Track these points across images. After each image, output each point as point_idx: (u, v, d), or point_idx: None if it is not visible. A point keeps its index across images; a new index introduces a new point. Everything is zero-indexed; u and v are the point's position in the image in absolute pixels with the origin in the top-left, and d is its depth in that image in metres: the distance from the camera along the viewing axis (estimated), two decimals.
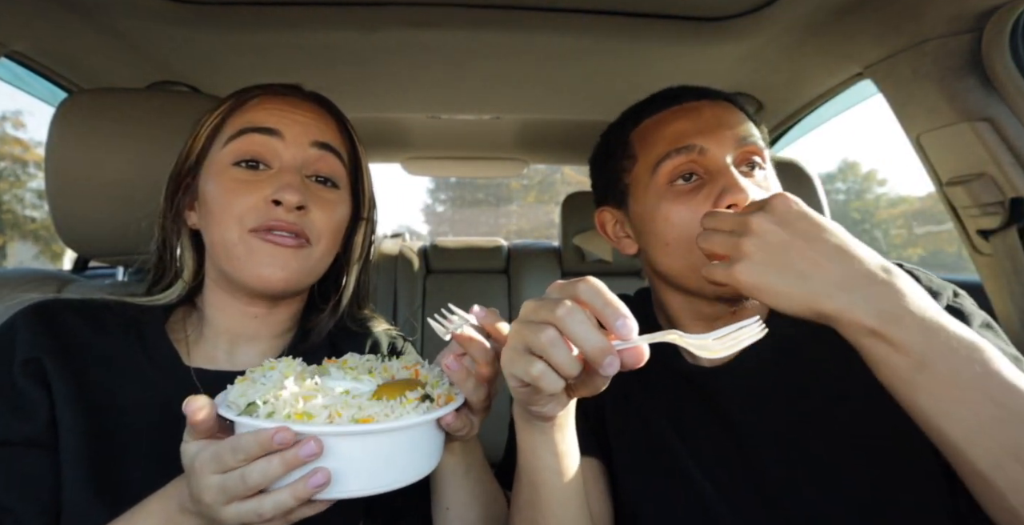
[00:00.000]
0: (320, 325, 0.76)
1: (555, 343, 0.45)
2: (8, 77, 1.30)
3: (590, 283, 0.48)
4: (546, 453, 0.56)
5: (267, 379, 0.53)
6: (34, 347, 0.63)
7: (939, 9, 0.91)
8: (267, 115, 0.69)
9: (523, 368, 0.47)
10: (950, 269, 7.99)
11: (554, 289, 0.50)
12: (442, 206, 21.32)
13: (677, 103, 0.74)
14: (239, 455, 0.46)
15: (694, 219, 0.66)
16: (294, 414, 0.48)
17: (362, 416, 0.49)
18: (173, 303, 0.74)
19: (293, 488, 0.47)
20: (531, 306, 0.50)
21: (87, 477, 0.59)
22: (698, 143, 0.69)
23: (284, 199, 0.64)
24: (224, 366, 0.70)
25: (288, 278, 0.66)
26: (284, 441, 0.46)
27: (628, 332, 0.46)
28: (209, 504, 0.48)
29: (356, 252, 0.79)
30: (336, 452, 0.48)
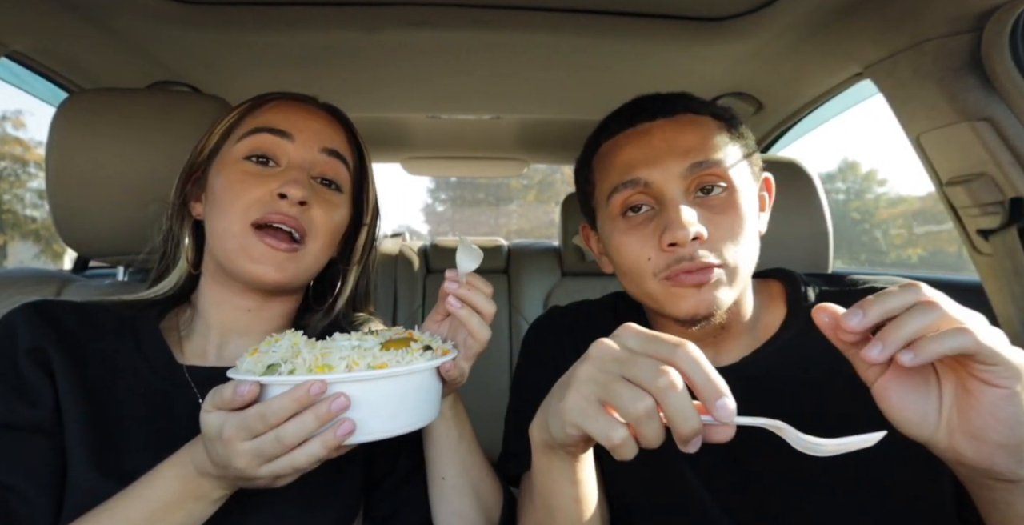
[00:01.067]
0: (313, 324, 0.78)
1: (652, 416, 0.42)
2: (8, 77, 1.30)
3: (691, 352, 0.43)
4: (564, 480, 0.54)
5: (277, 348, 0.56)
6: (37, 337, 0.65)
7: (939, 9, 0.91)
8: (281, 118, 0.73)
9: (603, 430, 0.44)
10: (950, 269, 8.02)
11: (642, 341, 0.45)
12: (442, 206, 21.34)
13: (630, 125, 0.72)
14: (271, 419, 0.49)
15: (643, 250, 0.67)
16: (314, 367, 0.51)
17: (377, 363, 0.53)
18: (170, 295, 0.75)
19: (323, 438, 0.50)
20: (612, 355, 0.45)
21: (91, 458, 0.61)
22: (643, 176, 0.67)
23: (289, 193, 0.67)
24: (213, 361, 0.72)
25: (280, 278, 0.69)
26: (318, 392, 0.48)
27: (728, 416, 0.41)
28: (242, 468, 0.50)
29: (356, 256, 0.82)
30: (358, 399, 0.51)
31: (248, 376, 0.51)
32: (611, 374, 0.44)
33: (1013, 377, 0.41)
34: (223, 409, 0.51)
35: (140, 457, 0.62)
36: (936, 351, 0.41)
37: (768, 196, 0.77)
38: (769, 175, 0.78)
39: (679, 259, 0.65)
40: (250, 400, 0.50)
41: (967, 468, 0.46)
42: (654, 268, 0.67)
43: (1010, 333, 1.06)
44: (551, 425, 0.49)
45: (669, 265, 0.65)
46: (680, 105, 0.71)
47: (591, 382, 0.45)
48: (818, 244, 1.17)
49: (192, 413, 0.66)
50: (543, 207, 18.39)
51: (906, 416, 0.46)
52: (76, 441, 0.61)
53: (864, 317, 0.43)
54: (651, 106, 0.72)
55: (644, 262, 0.68)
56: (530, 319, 1.69)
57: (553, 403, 0.50)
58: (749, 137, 0.74)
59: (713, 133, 0.69)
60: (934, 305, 0.42)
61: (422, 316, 1.75)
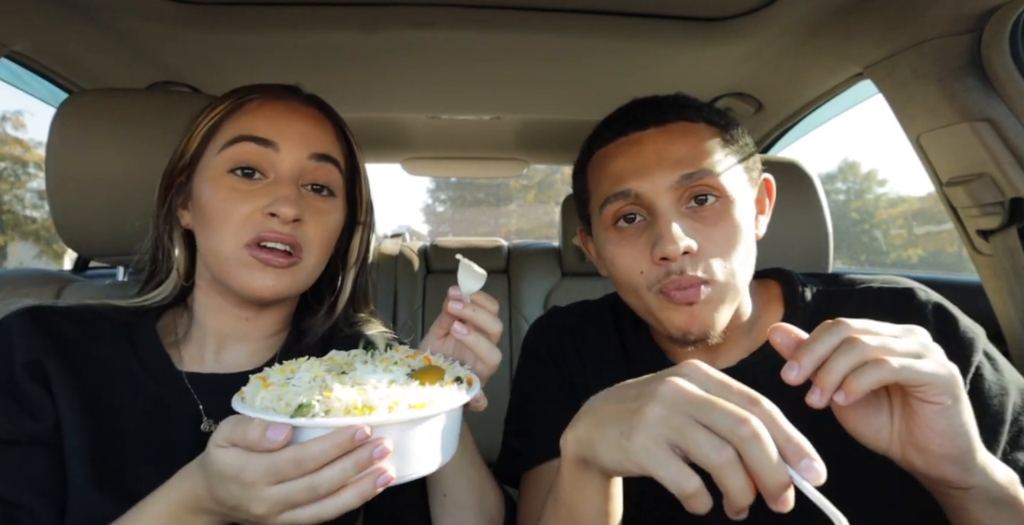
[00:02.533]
0: (315, 327, 0.77)
1: (736, 467, 0.39)
2: (8, 77, 1.30)
3: (767, 408, 0.41)
4: (596, 494, 0.52)
5: (298, 381, 0.51)
6: (33, 349, 0.63)
7: (939, 9, 0.91)
8: (265, 123, 0.69)
9: (675, 479, 0.41)
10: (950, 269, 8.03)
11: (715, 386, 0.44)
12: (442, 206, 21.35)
13: (623, 134, 0.71)
14: (308, 465, 0.45)
15: (636, 263, 0.67)
16: (354, 409, 0.47)
17: (416, 402, 0.49)
18: (166, 303, 0.74)
19: (359, 489, 0.46)
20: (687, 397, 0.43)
21: (91, 475, 0.60)
22: (633, 188, 0.67)
23: (280, 212, 0.65)
24: (211, 367, 0.71)
25: (279, 291, 0.67)
26: (363, 438, 0.45)
27: (816, 478, 0.39)
28: (261, 514, 0.46)
29: (353, 256, 0.80)
30: (398, 442, 0.48)
31: (279, 418, 0.45)
32: (686, 418, 0.42)
33: (944, 393, 0.44)
34: (242, 448, 0.46)
35: (140, 471, 0.61)
36: (860, 388, 0.43)
37: (768, 199, 0.76)
38: (769, 176, 0.76)
39: (669, 273, 0.64)
40: (282, 445, 0.45)
41: (923, 477, 0.49)
42: (647, 281, 0.67)
43: (1010, 333, 1.06)
44: (602, 453, 0.47)
45: (660, 279, 0.65)
46: (673, 113, 0.70)
47: (663, 425, 0.43)
48: (818, 244, 1.17)
49: (192, 420, 0.66)
50: (543, 207, 18.40)
51: (862, 431, 0.49)
52: (75, 456, 0.60)
53: (800, 370, 0.45)
54: (643, 114, 0.71)
55: (637, 275, 0.67)
56: (530, 319, 1.69)
57: (610, 433, 0.46)
58: (746, 141, 0.72)
59: (705, 141, 0.68)
60: (854, 342, 0.45)
61: (422, 316, 1.74)
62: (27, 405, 0.61)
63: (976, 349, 0.63)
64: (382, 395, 0.48)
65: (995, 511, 0.49)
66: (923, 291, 0.69)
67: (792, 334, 0.48)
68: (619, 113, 0.74)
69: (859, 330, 0.46)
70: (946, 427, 0.45)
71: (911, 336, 0.47)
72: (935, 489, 0.51)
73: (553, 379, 0.79)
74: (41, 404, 0.61)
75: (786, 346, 0.48)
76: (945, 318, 0.66)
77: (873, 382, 0.43)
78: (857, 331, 0.45)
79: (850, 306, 0.71)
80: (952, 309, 0.67)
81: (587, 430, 0.50)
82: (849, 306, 0.71)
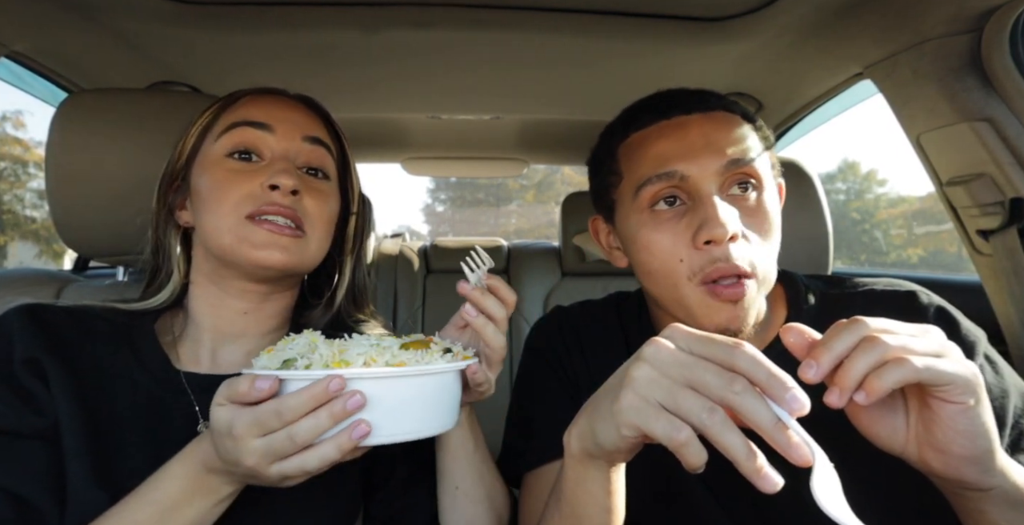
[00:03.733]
0: (314, 321, 0.77)
1: (730, 425, 0.40)
2: (8, 77, 1.30)
3: (748, 351, 0.42)
4: (599, 490, 0.53)
5: (294, 346, 0.54)
6: (31, 347, 0.63)
7: (939, 9, 0.91)
8: (258, 111, 0.71)
9: (666, 430, 0.42)
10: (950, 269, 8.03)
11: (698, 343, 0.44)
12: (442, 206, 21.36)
13: (665, 117, 0.70)
14: (286, 416, 0.47)
15: (675, 248, 0.65)
16: (331, 363, 0.50)
17: (396, 361, 0.51)
18: (166, 306, 0.74)
19: (337, 440, 0.48)
20: (673, 358, 0.44)
21: (89, 471, 0.60)
22: (679, 169, 0.65)
23: (280, 182, 0.66)
24: (207, 367, 0.71)
25: (286, 260, 0.67)
26: (337, 388, 0.47)
27: (801, 406, 0.40)
28: (251, 466, 0.49)
29: (348, 245, 0.81)
30: (375, 398, 0.49)
31: (265, 371, 0.50)
32: (673, 379, 0.43)
33: (966, 393, 0.43)
34: (236, 403, 0.49)
35: (138, 471, 0.60)
36: (882, 388, 0.42)
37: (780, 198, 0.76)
38: (782, 181, 0.76)
39: (714, 260, 0.62)
40: (268, 396, 0.49)
41: (939, 479, 0.48)
42: (689, 270, 0.64)
43: (1010, 333, 1.06)
44: (599, 430, 0.47)
45: (704, 266, 0.63)
46: (715, 101, 0.71)
47: (652, 385, 0.43)
48: (818, 244, 1.17)
49: (189, 421, 0.66)
50: (543, 207, 18.41)
51: (877, 432, 0.49)
52: (72, 454, 0.60)
53: (818, 368, 0.44)
54: (687, 100, 0.71)
55: (676, 263, 0.65)
56: (530, 319, 1.69)
57: (603, 406, 0.48)
58: (768, 135, 0.73)
59: (746, 132, 0.69)
60: (874, 340, 0.43)
61: (422, 316, 1.74)
62: (30, 400, 0.62)
63: (977, 352, 0.63)
64: (361, 352, 0.51)
65: (1014, 513, 0.48)
66: (925, 294, 0.69)
67: (805, 334, 0.47)
68: (657, 98, 0.73)
69: (878, 329, 0.45)
70: (968, 427, 0.44)
71: (929, 335, 0.46)
72: (951, 491, 0.50)
73: (557, 379, 0.78)
74: (42, 400, 0.62)
75: (799, 346, 0.47)
76: (946, 321, 0.66)
77: (895, 381, 0.42)
78: (876, 330, 0.44)
79: (853, 308, 0.70)
80: (954, 312, 0.67)
81: (587, 420, 0.50)
82: (852, 308, 0.70)
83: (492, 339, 0.61)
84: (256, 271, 0.68)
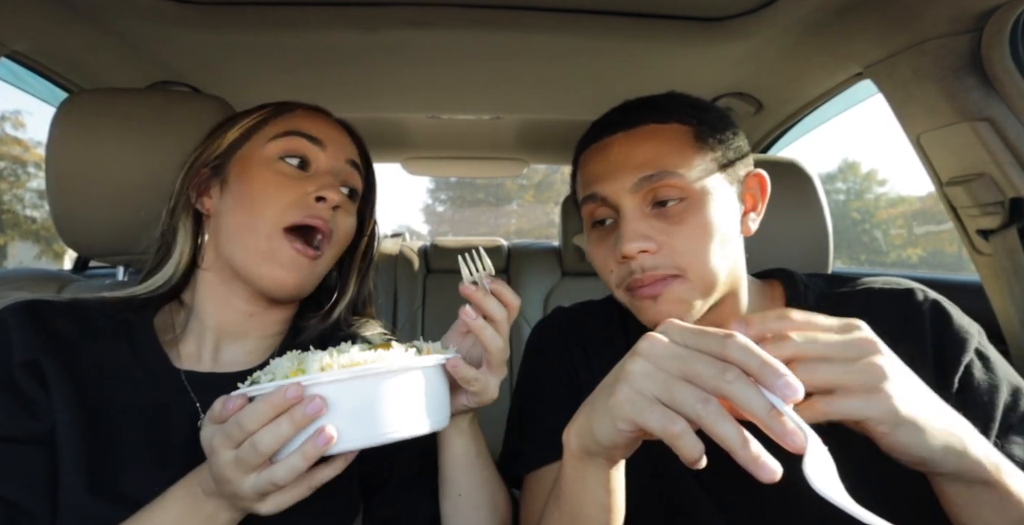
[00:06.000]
0: (310, 328, 0.78)
1: (725, 415, 0.41)
2: (8, 77, 1.30)
3: (740, 341, 0.42)
4: (598, 488, 0.53)
5: (275, 365, 0.55)
6: (29, 348, 0.63)
7: (939, 9, 0.91)
8: (312, 125, 0.75)
9: (660, 422, 0.42)
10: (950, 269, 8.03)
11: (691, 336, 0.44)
12: (442, 206, 21.35)
13: (595, 141, 0.74)
14: (247, 425, 0.48)
15: (607, 262, 0.71)
16: (290, 374, 0.51)
17: (351, 363, 0.51)
18: (163, 292, 0.74)
19: (303, 449, 0.48)
20: (667, 352, 0.44)
21: (85, 477, 0.59)
22: (598, 191, 0.70)
23: (328, 196, 0.70)
24: (208, 366, 0.71)
25: (300, 284, 0.70)
26: (294, 395, 0.47)
27: (794, 391, 0.39)
28: (231, 480, 0.49)
29: (355, 264, 0.83)
30: (335, 402, 0.49)
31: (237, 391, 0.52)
32: (668, 372, 0.43)
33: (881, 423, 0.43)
34: (216, 423, 0.51)
35: (135, 471, 0.61)
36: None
37: (761, 194, 0.76)
38: (761, 171, 0.75)
39: (631, 271, 0.67)
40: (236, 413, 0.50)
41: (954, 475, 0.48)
42: (616, 280, 0.70)
43: (1010, 333, 1.06)
44: (597, 426, 0.48)
45: (625, 277, 0.69)
46: (644, 115, 0.71)
47: (647, 378, 0.44)
48: (818, 244, 1.17)
49: (191, 420, 0.65)
50: (542, 207, 18.40)
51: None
52: (69, 458, 0.60)
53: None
54: (613, 120, 0.73)
55: (608, 274, 0.71)
56: (530, 319, 1.69)
57: (600, 402, 0.48)
58: (727, 138, 0.72)
59: (671, 142, 0.69)
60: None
61: (422, 316, 1.74)
62: (27, 404, 0.61)
63: (966, 349, 0.64)
64: (317, 358, 0.51)
65: (968, 492, 0.49)
66: (922, 291, 0.70)
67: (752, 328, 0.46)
68: (598, 120, 0.77)
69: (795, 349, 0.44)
70: (894, 445, 0.44)
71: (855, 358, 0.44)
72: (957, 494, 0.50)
73: (558, 380, 0.79)
74: (39, 403, 0.61)
75: None
76: (941, 316, 0.66)
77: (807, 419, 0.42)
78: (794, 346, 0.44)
79: (852, 307, 0.71)
80: (949, 307, 0.67)
81: (585, 417, 0.51)
82: (851, 306, 0.71)
83: (490, 342, 0.60)
84: (264, 289, 0.70)
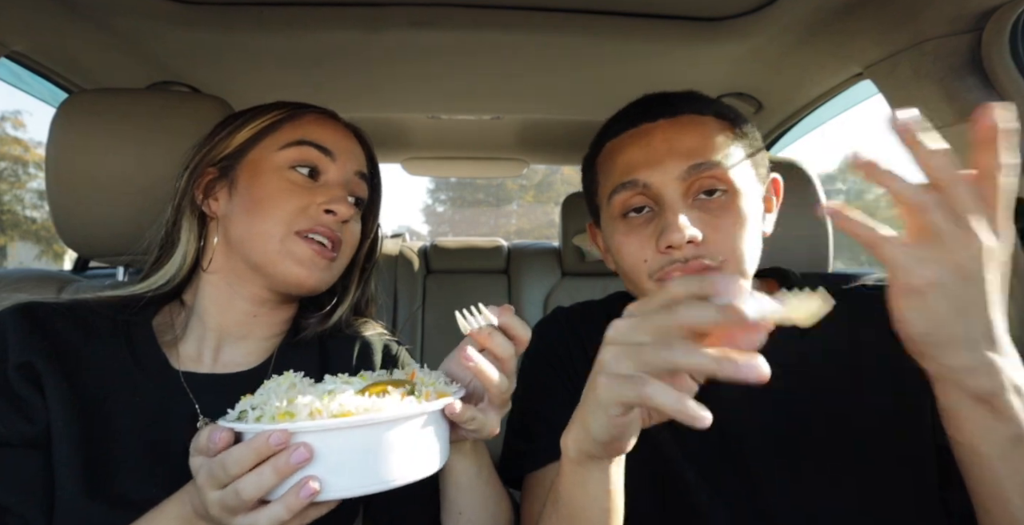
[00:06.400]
0: (310, 329, 0.77)
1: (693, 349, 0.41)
2: (8, 77, 1.30)
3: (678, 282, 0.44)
4: (598, 490, 0.53)
5: (265, 391, 0.54)
6: (25, 350, 0.63)
7: (939, 9, 0.91)
8: (324, 135, 0.75)
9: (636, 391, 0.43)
10: None
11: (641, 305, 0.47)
12: (442, 206, 21.34)
13: (633, 126, 0.72)
14: (231, 470, 0.46)
15: (641, 251, 0.68)
16: (278, 415, 0.48)
17: (342, 412, 0.48)
18: (163, 293, 0.74)
19: (286, 501, 0.46)
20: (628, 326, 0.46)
21: (80, 481, 0.59)
22: (642, 178, 0.68)
23: (339, 210, 0.71)
24: (208, 367, 0.71)
25: (318, 282, 0.71)
26: (279, 442, 0.45)
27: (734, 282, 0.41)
28: (216, 517, 0.49)
29: (357, 268, 0.83)
30: (322, 451, 0.47)
31: (223, 423, 0.49)
32: (632, 344, 0.44)
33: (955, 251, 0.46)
34: (202, 454, 0.49)
35: (133, 472, 0.61)
36: None
37: (776, 198, 0.78)
38: (777, 176, 0.78)
39: (673, 261, 0.66)
40: (224, 447, 0.48)
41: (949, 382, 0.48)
42: (649, 269, 0.68)
43: (1010, 333, 1.05)
44: (591, 423, 0.48)
45: (663, 266, 0.66)
46: (683, 105, 0.71)
47: (618, 360, 0.45)
48: (818, 244, 1.17)
49: (190, 421, 0.65)
50: (542, 207, 18.39)
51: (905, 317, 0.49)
52: (65, 461, 0.59)
53: None
54: (654, 106, 0.72)
55: (641, 263, 0.69)
56: (530, 320, 1.68)
57: (588, 398, 0.49)
58: (755, 137, 0.73)
59: (715, 134, 0.69)
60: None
61: (422, 317, 1.74)
62: (21, 407, 0.61)
63: None
64: (307, 402, 0.48)
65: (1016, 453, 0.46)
66: None
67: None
68: (630, 106, 0.76)
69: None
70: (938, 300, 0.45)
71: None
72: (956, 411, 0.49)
73: (558, 380, 0.79)
74: (34, 406, 0.61)
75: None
76: None
77: None
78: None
79: (846, 304, 0.71)
80: None
81: (579, 420, 0.51)
82: (845, 303, 0.71)
83: (493, 384, 0.56)
84: (285, 285, 0.70)
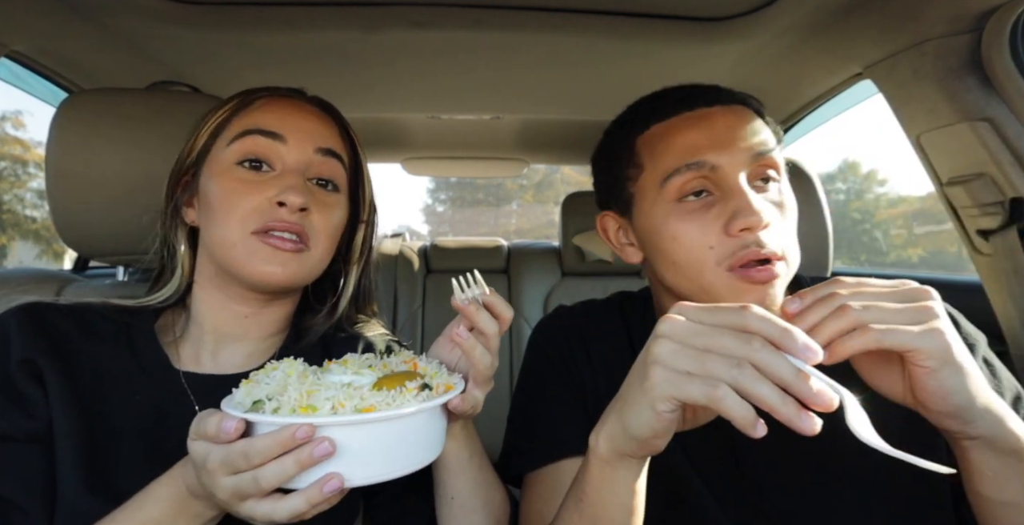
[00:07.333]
0: (316, 326, 0.77)
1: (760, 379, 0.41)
2: (8, 77, 1.30)
3: (757, 311, 0.44)
4: (624, 491, 0.53)
5: (271, 379, 0.54)
6: (28, 348, 0.63)
7: (939, 9, 0.91)
8: (272, 118, 0.70)
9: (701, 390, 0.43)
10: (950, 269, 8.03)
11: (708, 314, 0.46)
12: (442, 206, 21.34)
13: (688, 109, 0.69)
14: (253, 459, 0.47)
15: (705, 237, 0.65)
16: (298, 408, 0.49)
17: (364, 406, 0.50)
18: (169, 304, 0.74)
19: (308, 494, 0.47)
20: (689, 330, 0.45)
21: (82, 478, 0.59)
22: (709, 160, 0.65)
23: (288, 200, 0.65)
24: (209, 368, 0.71)
25: (288, 276, 0.67)
26: (304, 436, 0.46)
27: (815, 355, 0.42)
28: (224, 500, 0.49)
29: (355, 254, 0.80)
30: (344, 444, 0.48)
31: (234, 411, 0.49)
32: (695, 348, 0.44)
33: (930, 358, 0.46)
34: (207, 439, 0.49)
35: (133, 472, 0.60)
36: (842, 353, 0.46)
37: None
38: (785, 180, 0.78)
39: (746, 245, 0.62)
40: (235, 437, 0.48)
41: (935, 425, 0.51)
42: (717, 256, 0.64)
43: (1010, 333, 1.06)
44: (632, 419, 0.48)
45: (735, 252, 0.63)
46: (736, 96, 0.72)
47: (676, 355, 0.45)
48: (818, 244, 1.18)
49: (188, 421, 0.65)
50: (542, 207, 18.38)
51: (876, 383, 0.52)
52: (65, 458, 0.60)
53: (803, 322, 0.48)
54: (708, 92, 0.71)
55: (705, 250, 0.65)
56: (530, 320, 1.69)
57: (632, 393, 0.48)
58: (781, 134, 0.74)
59: (762, 126, 0.70)
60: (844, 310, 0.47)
61: (422, 316, 1.75)
62: (23, 403, 0.61)
63: (975, 355, 0.65)
64: (329, 396, 0.50)
65: (998, 462, 0.50)
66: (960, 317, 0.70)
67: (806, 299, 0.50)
68: (677, 90, 0.73)
69: (851, 295, 0.48)
70: (936, 388, 0.47)
71: (909, 301, 0.48)
72: (947, 438, 0.52)
73: (561, 379, 0.78)
74: (36, 403, 0.61)
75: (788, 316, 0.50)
76: None
77: (856, 348, 0.46)
78: (849, 297, 0.48)
79: None
80: (954, 314, 0.68)
81: (616, 416, 0.51)
82: None
83: (479, 360, 0.58)
84: (258, 285, 0.68)
